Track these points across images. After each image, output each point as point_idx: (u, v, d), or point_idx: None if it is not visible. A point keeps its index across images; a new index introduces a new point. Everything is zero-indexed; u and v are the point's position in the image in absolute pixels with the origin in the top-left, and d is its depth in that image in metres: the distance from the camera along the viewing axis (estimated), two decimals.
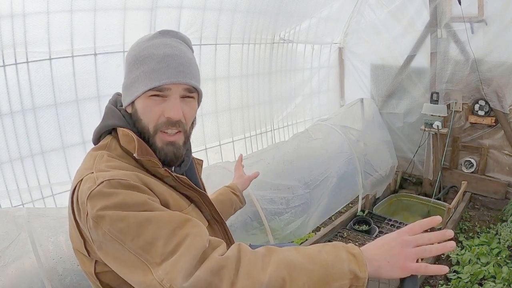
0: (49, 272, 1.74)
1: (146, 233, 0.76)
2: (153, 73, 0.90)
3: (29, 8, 2.02)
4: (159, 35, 0.98)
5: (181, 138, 0.96)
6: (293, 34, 3.89)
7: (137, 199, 0.80)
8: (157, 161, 0.93)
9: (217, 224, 1.06)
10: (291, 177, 3.12)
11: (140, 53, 0.94)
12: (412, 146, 4.19)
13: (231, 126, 3.56)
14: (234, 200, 1.51)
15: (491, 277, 2.64)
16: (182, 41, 1.01)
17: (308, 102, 4.44)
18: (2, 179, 2.18)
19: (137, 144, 0.90)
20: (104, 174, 0.83)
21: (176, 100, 0.92)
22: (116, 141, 0.96)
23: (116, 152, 0.93)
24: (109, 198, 0.79)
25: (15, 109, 2.16)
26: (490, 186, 3.76)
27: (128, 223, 0.77)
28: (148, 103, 0.92)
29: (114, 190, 0.80)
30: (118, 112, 0.98)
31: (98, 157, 0.91)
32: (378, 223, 3.50)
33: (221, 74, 3.34)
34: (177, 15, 2.74)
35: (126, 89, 0.97)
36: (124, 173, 0.85)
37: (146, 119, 0.93)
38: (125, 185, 0.82)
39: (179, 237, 0.77)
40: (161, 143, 0.94)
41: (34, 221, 1.83)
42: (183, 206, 0.97)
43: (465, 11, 3.34)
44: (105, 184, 0.80)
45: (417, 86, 4.06)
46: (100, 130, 0.99)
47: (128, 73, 0.96)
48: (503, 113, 3.52)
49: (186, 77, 0.92)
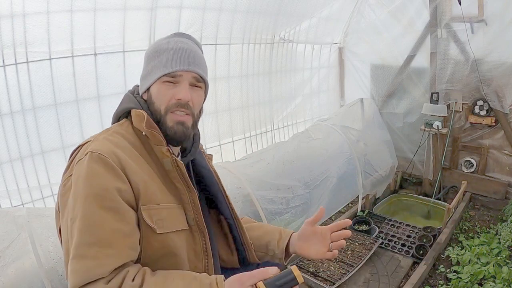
0: (49, 272, 1.74)
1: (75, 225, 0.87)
2: (168, 62, 1.03)
3: (29, 8, 2.02)
4: (174, 36, 1.12)
5: (189, 120, 1.07)
6: (293, 34, 3.90)
7: (102, 184, 0.88)
8: (162, 138, 1.02)
9: (199, 233, 1.04)
10: (291, 177, 3.12)
11: (158, 47, 1.08)
12: (412, 146, 4.19)
13: (231, 126, 3.56)
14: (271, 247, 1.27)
15: (491, 277, 2.64)
16: (194, 43, 1.14)
17: (308, 102, 4.44)
18: (2, 179, 2.18)
19: (146, 119, 1.01)
20: (95, 145, 0.94)
21: (186, 85, 1.05)
22: (129, 122, 1.07)
23: (126, 129, 1.04)
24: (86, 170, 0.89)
25: (15, 109, 2.16)
26: (490, 186, 3.76)
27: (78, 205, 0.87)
28: (162, 87, 1.04)
29: (91, 165, 0.90)
30: (133, 98, 1.10)
31: (105, 130, 1.04)
32: (378, 223, 3.50)
33: (221, 74, 3.34)
34: (177, 15, 2.74)
35: (144, 78, 1.09)
36: (108, 150, 0.93)
37: (158, 102, 1.04)
38: (103, 161, 0.90)
39: (91, 251, 0.85)
40: (171, 122, 1.04)
41: (34, 221, 1.83)
42: (169, 200, 1.00)
43: (465, 11, 3.34)
44: (88, 156, 0.91)
45: (417, 86, 4.06)
46: (118, 114, 1.10)
47: (146, 65, 1.09)
48: (503, 113, 3.52)
49: (196, 66, 1.06)
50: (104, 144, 0.94)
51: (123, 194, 0.90)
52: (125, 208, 0.91)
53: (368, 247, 3.09)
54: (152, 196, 0.96)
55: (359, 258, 2.97)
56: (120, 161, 0.92)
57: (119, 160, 0.92)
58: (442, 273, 2.83)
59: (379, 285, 2.74)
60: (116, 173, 0.90)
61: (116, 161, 0.92)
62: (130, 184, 0.93)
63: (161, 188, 0.99)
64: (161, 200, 0.97)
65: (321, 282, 2.69)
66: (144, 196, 0.94)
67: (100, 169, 0.89)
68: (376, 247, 3.10)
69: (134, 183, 0.93)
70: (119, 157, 0.93)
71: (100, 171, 0.89)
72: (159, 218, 0.96)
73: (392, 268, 2.92)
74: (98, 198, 0.87)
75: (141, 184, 0.94)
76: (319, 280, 2.73)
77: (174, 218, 0.99)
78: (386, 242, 3.21)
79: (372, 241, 3.17)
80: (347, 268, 2.85)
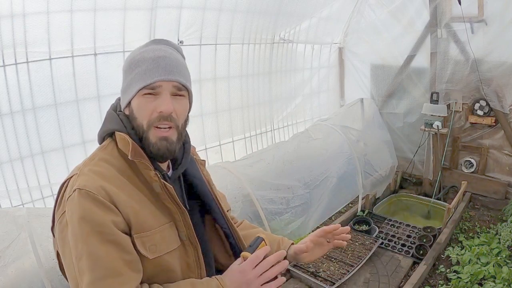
0: (49, 272, 1.74)
1: (82, 263, 0.89)
2: (146, 73, 0.98)
3: (29, 8, 2.02)
4: (151, 43, 1.06)
5: (174, 134, 1.02)
6: (293, 34, 3.90)
7: (98, 220, 0.90)
8: (149, 164, 0.99)
9: (191, 247, 1.06)
10: (291, 177, 3.12)
11: (134, 58, 1.03)
12: (412, 146, 4.19)
13: (231, 126, 3.56)
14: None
15: (491, 277, 2.64)
16: (172, 47, 1.07)
17: (308, 102, 4.44)
18: (2, 179, 2.18)
19: (131, 146, 0.97)
20: (81, 180, 0.93)
21: (167, 96, 0.99)
22: (114, 143, 1.03)
23: (111, 153, 1.01)
24: (77, 208, 0.90)
25: (15, 109, 2.16)
26: (490, 186, 3.76)
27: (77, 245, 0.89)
28: (142, 101, 0.99)
29: (82, 202, 0.90)
30: (116, 116, 1.05)
31: (89, 158, 1.01)
32: (378, 223, 3.50)
33: (221, 74, 3.34)
34: (177, 15, 2.74)
35: (123, 92, 1.05)
36: (95, 185, 0.92)
37: (140, 117, 1.00)
38: (92, 198, 0.90)
39: (106, 283, 0.88)
40: (154, 138, 0.99)
41: (34, 221, 1.83)
42: (161, 222, 1.00)
43: (465, 11, 3.34)
44: (77, 193, 0.91)
45: (417, 86, 4.07)
46: (102, 134, 1.07)
47: (124, 79, 1.05)
48: (503, 113, 3.52)
49: (175, 74, 1.00)
50: (90, 178, 0.94)
51: (118, 226, 0.92)
52: (124, 238, 0.93)
53: (368, 247, 3.09)
54: (143, 224, 0.96)
55: (359, 258, 2.97)
56: (108, 194, 0.92)
57: (107, 194, 0.92)
58: (442, 273, 2.83)
59: (379, 285, 2.74)
60: (106, 207, 0.91)
61: (105, 196, 0.91)
62: (122, 215, 0.94)
63: (152, 211, 0.99)
64: (152, 225, 0.98)
65: (321, 282, 2.69)
66: (135, 225, 0.95)
67: (91, 206, 0.90)
68: (376, 247, 3.10)
69: (125, 214, 0.94)
70: (107, 190, 0.92)
71: (92, 208, 0.90)
72: (152, 243, 0.97)
73: (392, 268, 2.92)
74: (98, 234, 0.89)
75: (132, 214, 0.95)
76: (319, 280, 2.73)
77: (167, 239, 1.01)
78: (386, 242, 3.21)
79: (372, 241, 3.17)
80: (347, 268, 2.85)
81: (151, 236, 0.97)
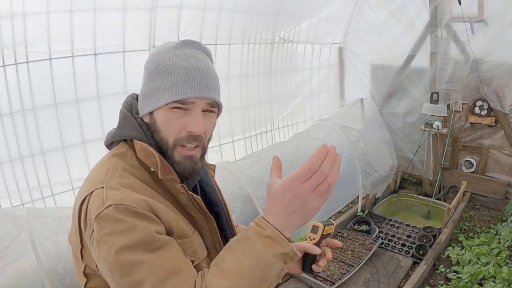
0: (49, 272, 1.74)
1: (136, 275, 0.80)
2: (178, 85, 0.88)
3: (29, 8, 2.02)
4: (182, 45, 0.94)
5: (199, 152, 0.95)
6: (293, 34, 3.90)
7: (142, 232, 0.82)
8: (176, 178, 0.92)
9: (216, 254, 0.98)
10: None
11: (163, 62, 0.91)
12: (412, 146, 4.19)
13: (231, 126, 3.56)
14: None
15: (491, 277, 2.64)
16: (204, 53, 0.97)
17: (308, 102, 4.44)
18: (2, 179, 2.18)
19: (160, 162, 0.90)
20: (114, 194, 0.84)
21: (199, 114, 0.90)
22: (132, 151, 0.94)
23: (131, 163, 0.93)
24: (115, 224, 0.81)
25: (15, 109, 2.16)
26: (490, 186, 3.76)
27: (123, 260, 0.80)
28: (170, 116, 0.90)
29: (121, 217, 0.81)
30: (133, 120, 0.96)
31: (112, 169, 0.90)
32: (378, 223, 3.50)
33: (221, 74, 3.32)
34: (177, 15, 2.74)
35: (145, 97, 0.94)
36: (134, 198, 0.84)
37: (166, 132, 0.91)
38: (132, 212, 0.82)
39: (168, 285, 0.80)
40: (179, 156, 0.92)
41: (34, 221, 1.83)
42: (188, 234, 0.95)
43: (465, 11, 3.34)
44: (113, 208, 0.81)
45: (417, 86, 4.07)
46: (114, 138, 0.97)
47: (148, 82, 0.93)
48: (503, 113, 3.52)
49: (210, 91, 0.91)
50: (123, 191, 0.85)
51: (162, 234, 0.88)
52: (170, 238, 0.88)
53: (368, 247, 3.09)
54: (184, 231, 0.93)
55: (359, 258, 2.97)
56: (148, 205, 0.86)
57: (148, 205, 0.86)
58: (442, 273, 2.83)
59: (379, 285, 2.74)
60: (149, 218, 0.85)
61: (145, 207, 0.85)
62: (164, 225, 0.88)
63: (183, 220, 0.95)
64: (190, 233, 0.94)
65: (321, 282, 2.69)
66: (177, 232, 0.91)
67: (133, 220, 0.83)
68: (376, 247, 3.10)
69: (167, 223, 0.89)
70: (146, 201, 0.86)
71: (135, 222, 0.83)
72: (193, 250, 0.94)
73: (392, 268, 2.92)
74: (147, 245, 0.83)
75: (173, 222, 0.90)
76: (319, 280, 2.73)
77: (202, 246, 0.98)
78: (386, 242, 3.21)
79: (372, 241, 3.17)
80: (347, 268, 2.85)
81: (192, 242, 0.94)
